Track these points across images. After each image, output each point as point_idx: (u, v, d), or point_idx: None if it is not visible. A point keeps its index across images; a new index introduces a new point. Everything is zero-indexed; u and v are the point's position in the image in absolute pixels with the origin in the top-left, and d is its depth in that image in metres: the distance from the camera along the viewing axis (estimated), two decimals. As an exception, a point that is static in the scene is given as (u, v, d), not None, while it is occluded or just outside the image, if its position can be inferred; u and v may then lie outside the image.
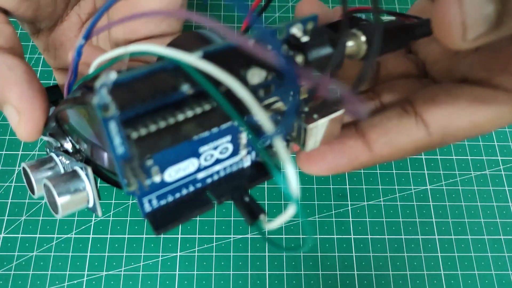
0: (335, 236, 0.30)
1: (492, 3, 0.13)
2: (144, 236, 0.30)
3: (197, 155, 0.14)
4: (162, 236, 0.30)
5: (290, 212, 0.12)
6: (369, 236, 0.30)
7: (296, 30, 0.14)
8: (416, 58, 0.20)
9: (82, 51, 0.16)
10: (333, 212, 0.31)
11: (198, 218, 0.30)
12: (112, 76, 0.10)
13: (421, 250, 0.30)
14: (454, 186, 0.32)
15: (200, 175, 0.15)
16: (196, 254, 0.29)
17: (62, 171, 0.18)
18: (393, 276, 0.29)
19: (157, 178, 0.14)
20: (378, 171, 0.32)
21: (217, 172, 0.15)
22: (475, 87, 0.17)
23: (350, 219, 0.31)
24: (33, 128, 0.18)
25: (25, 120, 0.17)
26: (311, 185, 0.32)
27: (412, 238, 0.30)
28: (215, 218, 0.30)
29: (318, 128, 0.15)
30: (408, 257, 0.30)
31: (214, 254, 0.29)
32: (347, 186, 0.32)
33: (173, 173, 0.14)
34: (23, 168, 0.18)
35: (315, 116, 0.15)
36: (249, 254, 0.29)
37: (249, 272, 0.29)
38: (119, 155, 0.12)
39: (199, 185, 0.15)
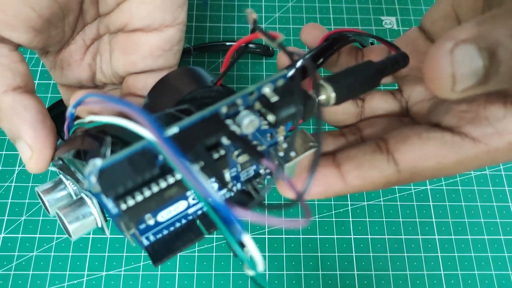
0: (335, 236, 0.30)
1: (481, 59, 0.13)
2: (144, 236, 0.30)
3: (185, 198, 0.16)
4: (162, 236, 0.30)
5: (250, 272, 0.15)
6: (369, 236, 0.30)
7: (267, 90, 0.15)
8: (401, 96, 0.22)
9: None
10: (333, 212, 0.31)
11: (198, 218, 0.30)
12: (98, 163, 0.12)
13: (421, 250, 0.30)
14: (454, 186, 0.32)
15: (190, 210, 0.17)
16: (196, 254, 0.29)
17: (72, 193, 0.21)
18: (393, 276, 0.29)
19: (150, 222, 0.15)
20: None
21: None
22: (445, 133, 0.18)
23: (350, 219, 0.31)
24: (43, 164, 0.20)
25: (37, 157, 0.20)
26: (311, 185, 0.32)
27: (412, 238, 0.30)
28: (215, 218, 0.30)
29: (295, 164, 0.17)
30: (408, 257, 0.30)
31: (214, 254, 0.29)
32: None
33: (165, 215, 0.16)
34: (37, 192, 0.21)
35: (293, 154, 0.17)
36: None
37: (249, 272, 0.29)
38: (113, 215, 0.14)
39: (190, 217, 0.17)
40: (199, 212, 0.17)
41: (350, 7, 0.39)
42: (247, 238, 0.14)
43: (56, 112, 0.22)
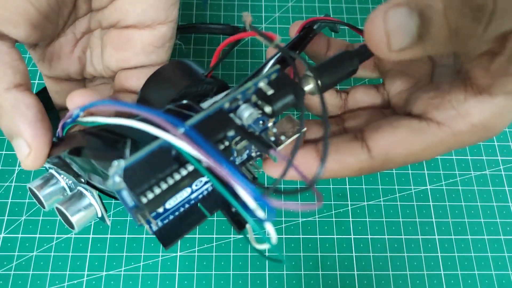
0: (335, 236, 0.30)
1: (412, 19, 0.15)
2: (144, 236, 0.30)
3: (190, 185, 0.17)
4: (162, 236, 0.30)
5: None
6: (369, 236, 0.30)
7: (262, 85, 0.16)
8: (383, 90, 0.23)
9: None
10: (333, 212, 0.31)
11: (198, 218, 0.30)
12: (122, 164, 0.14)
13: (421, 250, 0.30)
14: (454, 186, 0.32)
15: (193, 196, 0.18)
16: (196, 254, 0.29)
17: (65, 186, 0.21)
18: (393, 276, 0.29)
19: (160, 210, 0.17)
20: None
21: (206, 189, 0.18)
22: (413, 120, 0.19)
23: (350, 219, 0.31)
24: (40, 161, 0.20)
25: (35, 155, 0.20)
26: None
27: (412, 238, 0.30)
28: (215, 218, 0.30)
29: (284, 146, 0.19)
30: (408, 257, 0.30)
31: (214, 254, 0.29)
32: (347, 186, 0.32)
33: (172, 202, 0.17)
34: (30, 189, 0.21)
35: (283, 138, 0.18)
36: (249, 254, 0.29)
37: (249, 272, 0.29)
38: (130, 207, 0.15)
39: (192, 202, 0.18)
40: (200, 196, 0.18)
41: (350, 7, 0.39)
42: (269, 226, 0.17)
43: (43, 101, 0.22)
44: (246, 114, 0.16)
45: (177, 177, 0.15)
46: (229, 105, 0.16)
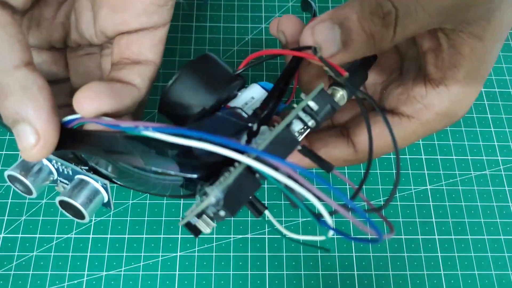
0: (335, 236, 0.30)
1: (335, 29, 0.18)
2: (144, 236, 0.30)
3: None
4: (162, 236, 0.30)
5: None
6: (369, 236, 0.30)
7: (311, 103, 0.18)
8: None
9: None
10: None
11: (198, 218, 0.30)
12: (218, 193, 0.16)
13: (421, 250, 0.30)
14: (454, 186, 0.32)
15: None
16: (196, 254, 0.29)
17: (53, 170, 0.21)
18: (393, 276, 0.29)
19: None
20: (378, 171, 0.32)
21: None
22: (387, 116, 0.22)
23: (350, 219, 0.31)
24: (47, 152, 0.18)
25: (44, 145, 0.17)
26: (311, 185, 0.32)
27: (412, 238, 0.30)
28: (215, 218, 0.30)
29: None
30: (408, 257, 0.30)
31: (214, 254, 0.29)
32: (347, 186, 0.32)
33: None
34: (10, 176, 0.20)
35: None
36: (249, 254, 0.29)
37: (249, 272, 0.29)
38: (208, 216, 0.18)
39: None
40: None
41: (350, 7, 0.39)
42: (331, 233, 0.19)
43: None
44: (297, 128, 0.19)
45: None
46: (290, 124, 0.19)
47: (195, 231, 0.18)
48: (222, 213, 0.16)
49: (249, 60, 0.21)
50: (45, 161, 0.20)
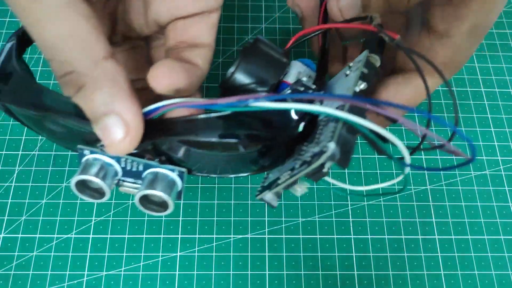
0: (335, 236, 0.30)
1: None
2: (144, 236, 0.30)
3: None
4: (162, 236, 0.30)
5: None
6: (369, 236, 0.30)
7: (364, 69, 0.20)
8: None
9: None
10: (333, 212, 0.31)
11: (198, 218, 0.30)
12: (332, 146, 0.17)
13: (421, 250, 0.30)
14: (454, 186, 0.32)
15: None
16: (196, 254, 0.29)
17: (116, 166, 0.20)
18: (393, 276, 0.29)
19: None
20: (378, 171, 0.32)
21: None
22: (398, 76, 0.24)
23: (350, 219, 0.31)
24: (135, 144, 0.18)
25: (133, 137, 0.17)
26: (311, 185, 0.32)
27: (412, 238, 0.30)
28: (215, 218, 0.30)
29: None
30: (408, 257, 0.30)
31: (214, 254, 0.29)
32: (347, 186, 0.32)
33: None
34: (79, 182, 0.19)
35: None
36: (249, 254, 0.29)
37: (249, 272, 0.29)
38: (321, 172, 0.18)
39: None
40: None
41: (350, 7, 0.39)
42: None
43: None
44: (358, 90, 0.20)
45: None
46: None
47: (271, 204, 0.20)
48: (326, 169, 0.17)
49: (297, 38, 0.23)
50: (111, 161, 0.20)
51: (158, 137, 0.19)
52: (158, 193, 0.20)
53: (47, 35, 0.16)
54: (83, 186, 0.20)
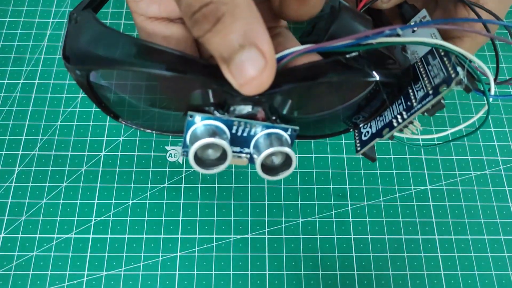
0: (335, 236, 0.30)
1: None
2: (144, 236, 0.30)
3: None
4: (162, 236, 0.30)
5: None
6: (369, 236, 0.30)
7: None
8: None
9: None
10: (333, 212, 0.31)
11: (198, 218, 0.30)
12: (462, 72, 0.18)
13: (421, 250, 0.30)
14: (454, 186, 0.32)
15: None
16: (196, 254, 0.29)
17: (224, 127, 0.18)
18: (393, 276, 0.29)
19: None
20: (378, 171, 0.32)
21: None
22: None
23: (350, 219, 0.31)
24: (271, 80, 0.16)
25: (271, 69, 0.16)
26: (311, 185, 0.32)
27: (412, 238, 0.30)
28: (215, 218, 0.30)
29: None
30: (408, 257, 0.30)
31: (214, 254, 0.29)
32: (347, 186, 0.32)
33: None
34: (203, 146, 0.17)
35: None
36: (249, 254, 0.29)
37: (249, 272, 0.29)
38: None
39: None
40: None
41: (350, 7, 0.39)
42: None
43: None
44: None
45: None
46: None
47: (372, 154, 0.23)
48: (443, 100, 0.19)
49: (366, 2, 0.25)
50: (222, 125, 0.18)
51: (289, 83, 0.18)
52: (281, 149, 0.18)
53: None
54: (200, 159, 0.18)
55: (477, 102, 0.35)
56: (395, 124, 0.21)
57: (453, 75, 0.18)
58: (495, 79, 0.23)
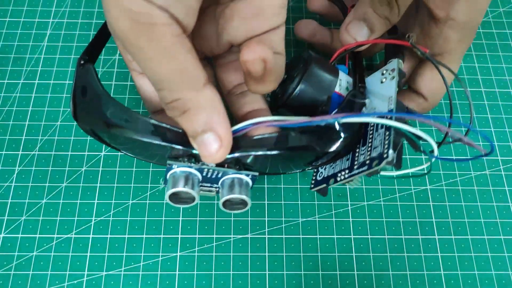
0: (335, 236, 0.30)
1: (362, 24, 0.27)
2: (144, 236, 0.30)
3: None
4: (162, 236, 0.30)
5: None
6: (369, 236, 0.30)
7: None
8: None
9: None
10: (333, 212, 0.31)
11: (198, 218, 0.30)
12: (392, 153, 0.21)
13: (421, 250, 0.30)
14: (454, 186, 0.32)
15: None
16: (196, 254, 0.29)
17: (197, 173, 0.24)
18: (393, 276, 0.29)
19: None
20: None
21: None
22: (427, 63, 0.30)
23: (350, 219, 0.31)
24: (225, 155, 0.21)
25: (225, 148, 0.21)
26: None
27: (412, 238, 0.30)
28: (215, 218, 0.30)
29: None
30: (408, 257, 0.30)
31: (214, 254, 0.29)
32: (347, 186, 0.32)
33: None
34: (173, 194, 0.24)
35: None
36: (249, 254, 0.29)
37: (249, 272, 0.29)
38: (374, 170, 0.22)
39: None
40: None
41: (350, 7, 0.39)
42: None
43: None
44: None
45: None
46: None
47: (324, 191, 0.27)
48: (379, 170, 0.21)
49: (339, 53, 0.27)
50: (195, 171, 0.24)
51: (243, 150, 0.22)
52: (240, 196, 0.24)
53: (161, 70, 0.19)
54: (175, 196, 0.24)
55: (477, 103, 0.35)
56: (338, 178, 0.25)
57: (385, 155, 0.21)
58: (441, 142, 0.25)
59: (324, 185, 0.26)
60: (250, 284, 0.29)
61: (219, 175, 0.24)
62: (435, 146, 0.23)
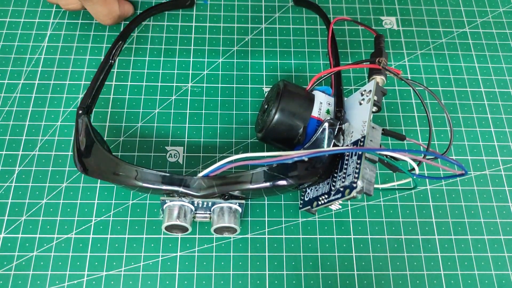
0: (335, 236, 0.30)
1: None
2: (144, 236, 0.30)
3: None
4: (162, 236, 0.30)
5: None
6: (369, 236, 0.30)
7: (375, 97, 0.25)
8: None
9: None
10: (333, 212, 0.31)
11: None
12: (360, 184, 0.22)
13: (421, 250, 0.30)
14: (454, 186, 0.32)
15: None
16: (196, 254, 0.29)
17: (189, 204, 0.27)
18: (393, 276, 0.29)
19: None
20: (378, 171, 0.32)
21: None
22: None
23: (350, 219, 0.31)
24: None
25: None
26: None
27: (412, 238, 0.30)
28: (215, 218, 0.30)
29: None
30: (408, 257, 0.30)
31: (214, 254, 0.29)
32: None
33: None
34: (168, 227, 0.28)
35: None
36: (249, 254, 0.29)
37: (249, 272, 0.29)
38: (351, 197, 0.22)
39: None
40: None
41: (350, 7, 0.39)
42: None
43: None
44: (371, 116, 0.25)
45: None
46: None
47: (313, 211, 0.28)
48: (358, 195, 0.22)
49: (316, 79, 0.28)
50: (187, 203, 0.27)
51: (222, 189, 0.25)
52: (229, 224, 0.27)
53: None
54: (171, 226, 0.27)
55: (477, 102, 0.35)
56: (320, 202, 0.26)
57: (354, 185, 0.22)
58: (419, 164, 0.25)
59: (309, 207, 0.27)
60: (250, 284, 0.29)
61: (210, 204, 0.27)
62: (414, 165, 0.24)
